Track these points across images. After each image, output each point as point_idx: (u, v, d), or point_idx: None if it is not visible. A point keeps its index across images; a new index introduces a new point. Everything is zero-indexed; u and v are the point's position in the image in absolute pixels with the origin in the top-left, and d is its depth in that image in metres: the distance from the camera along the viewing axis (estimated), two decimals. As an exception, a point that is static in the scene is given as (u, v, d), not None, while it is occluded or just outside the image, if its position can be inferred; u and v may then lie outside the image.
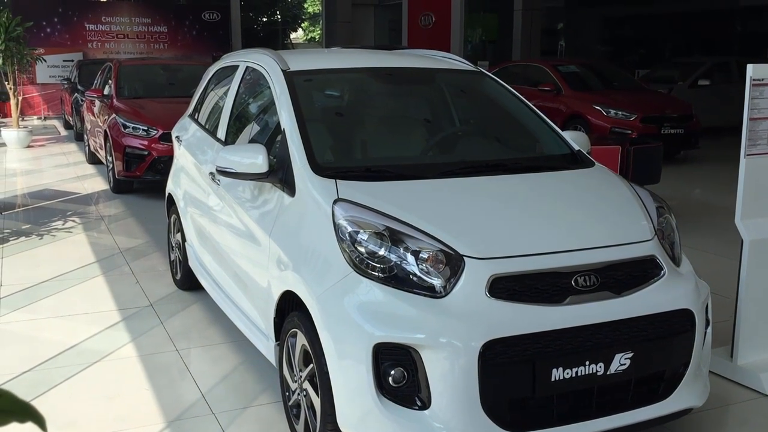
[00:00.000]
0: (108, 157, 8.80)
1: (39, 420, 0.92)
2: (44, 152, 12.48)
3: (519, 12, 17.65)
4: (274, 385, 3.50)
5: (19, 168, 10.83)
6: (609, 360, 2.63)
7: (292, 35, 35.22)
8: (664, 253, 2.94)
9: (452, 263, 2.61)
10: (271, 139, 3.58)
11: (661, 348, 2.77)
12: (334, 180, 3.01)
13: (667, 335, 2.77)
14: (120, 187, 8.62)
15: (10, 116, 13.27)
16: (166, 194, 5.22)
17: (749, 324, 3.67)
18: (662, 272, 2.85)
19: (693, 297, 2.86)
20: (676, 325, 2.80)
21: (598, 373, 2.62)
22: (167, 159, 7.12)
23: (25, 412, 0.91)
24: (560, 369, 2.56)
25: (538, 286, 2.62)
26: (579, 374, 2.59)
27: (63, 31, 18.60)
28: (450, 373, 2.46)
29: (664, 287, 2.82)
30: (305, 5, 34.34)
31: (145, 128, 8.20)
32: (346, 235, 2.74)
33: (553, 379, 2.56)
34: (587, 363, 2.60)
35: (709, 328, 3.03)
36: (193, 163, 4.64)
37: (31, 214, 7.64)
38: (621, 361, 2.65)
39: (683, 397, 2.85)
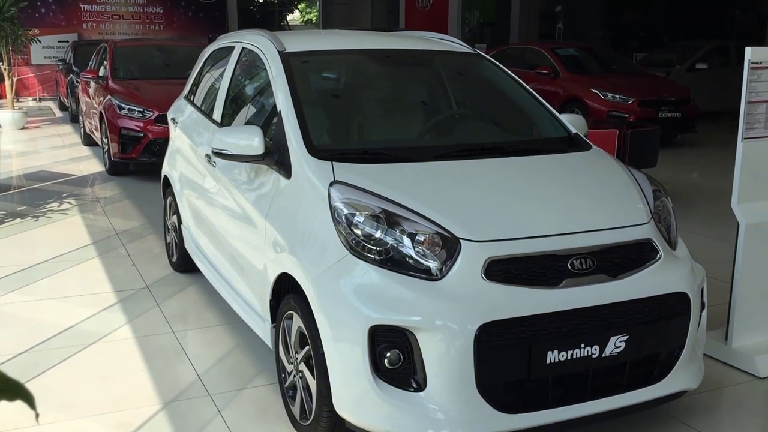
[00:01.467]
0: (103, 139, 8.77)
1: (28, 398, 0.92)
2: (39, 134, 12.43)
3: (517, -6, 17.56)
4: (270, 367, 3.51)
5: (14, 149, 10.78)
6: (604, 343, 2.64)
7: (289, 17, 34.97)
8: (661, 236, 2.94)
9: (448, 246, 2.61)
10: (268, 121, 3.57)
11: (656, 331, 2.77)
12: (330, 162, 3.00)
13: (663, 318, 2.78)
14: (116, 169, 8.59)
15: (5, 97, 13.20)
16: (162, 176, 5.21)
17: (744, 307, 3.68)
18: (658, 255, 2.85)
19: (689, 280, 2.87)
20: (671, 308, 2.80)
21: (593, 356, 2.63)
22: (163, 141, 7.09)
23: (15, 390, 0.91)
24: (555, 351, 2.57)
25: (534, 269, 2.62)
26: (574, 357, 2.60)
27: (58, 12, 18.44)
28: (446, 356, 2.47)
29: (660, 270, 2.82)
30: (302, -14, 34.10)
31: (141, 110, 8.17)
32: (343, 217, 2.73)
33: (548, 362, 2.57)
34: (582, 345, 2.61)
35: (705, 312, 3.04)
36: (188, 145, 4.62)
37: (27, 196, 7.61)
38: (616, 344, 2.65)
39: (678, 380, 2.86)
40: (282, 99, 3.39)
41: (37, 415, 0.96)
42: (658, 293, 2.77)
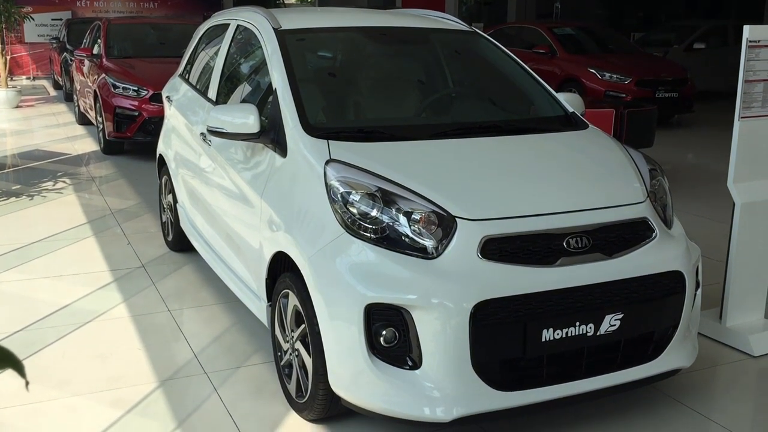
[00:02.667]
0: (98, 118, 8.72)
1: (18, 366, 0.91)
2: (34, 112, 12.36)
3: (515, -27, 17.41)
4: (266, 346, 3.52)
5: (8, 128, 10.72)
6: (599, 321, 2.64)
7: (285, -5, 34.65)
8: (656, 215, 2.94)
9: (444, 224, 2.60)
10: (263, 99, 3.55)
11: (651, 309, 2.78)
12: (326, 140, 2.98)
13: (658, 297, 2.79)
14: (110, 148, 8.56)
15: (-1, 76, 13.10)
16: (157, 155, 5.19)
17: (739, 286, 3.70)
18: (654, 234, 2.86)
19: (684, 259, 2.87)
20: (666, 287, 2.81)
21: (588, 334, 2.64)
22: (158, 120, 7.05)
23: (4, 358, 0.91)
24: (550, 330, 2.57)
25: (530, 247, 2.62)
26: (569, 335, 2.61)
27: (51, -11, 18.26)
28: (441, 334, 2.47)
29: (656, 249, 2.83)
30: (298, -36, 33.75)
31: (136, 88, 8.12)
32: (338, 195, 2.73)
33: (543, 340, 2.57)
34: (577, 324, 2.61)
35: (699, 290, 3.05)
36: (184, 124, 4.60)
37: (21, 175, 7.58)
38: (611, 322, 2.66)
39: (672, 358, 2.88)
40: (277, 77, 3.37)
41: (26, 383, 0.96)
42: (654, 272, 2.77)
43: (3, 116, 11.82)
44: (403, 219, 2.62)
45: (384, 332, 2.52)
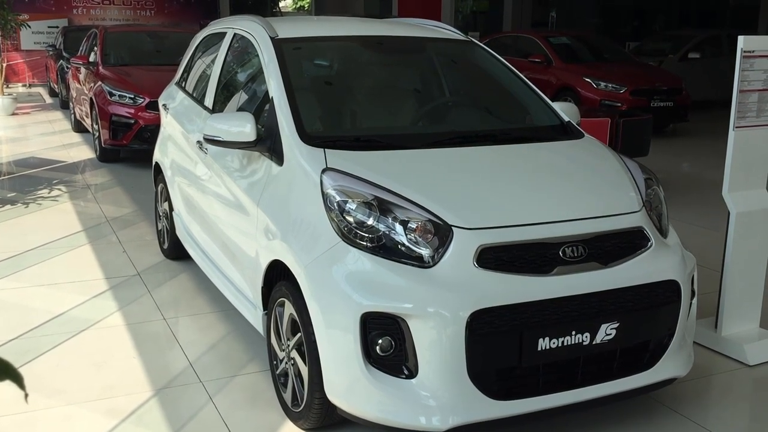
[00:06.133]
0: (94, 126, 8.72)
1: (17, 378, 0.91)
2: (29, 120, 12.34)
3: (510, -18, 17.48)
4: (262, 354, 3.51)
5: (3, 136, 10.71)
6: (595, 330, 2.65)
7: (281, 3, 34.78)
8: (652, 224, 2.95)
9: (441, 233, 2.61)
10: (260, 107, 3.55)
11: (646, 318, 2.79)
12: (322, 149, 2.99)
13: (653, 306, 2.79)
14: (106, 155, 8.55)
15: (-5, 83, 13.09)
16: (153, 163, 5.18)
17: (734, 296, 3.70)
18: (649, 244, 2.86)
19: (679, 268, 2.88)
20: (661, 296, 2.82)
21: (584, 343, 2.64)
22: (154, 127, 7.05)
23: (3, 370, 0.91)
24: (546, 339, 2.58)
25: (526, 256, 2.63)
26: (565, 344, 2.61)
27: (48, -3, 18.27)
28: (437, 343, 2.47)
29: (651, 258, 2.83)
30: (295, -27, 33.87)
31: (132, 96, 8.12)
32: (335, 204, 2.73)
33: (539, 349, 2.58)
34: (573, 333, 2.62)
35: (695, 300, 3.06)
36: (180, 132, 4.60)
37: (17, 183, 7.57)
38: (607, 331, 2.66)
39: (667, 367, 2.88)
40: (274, 85, 3.37)
41: (26, 395, 0.96)
42: (649, 281, 2.78)
43: (-2, 123, 11.81)
44: (399, 228, 2.62)
45: (380, 341, 2.52)
